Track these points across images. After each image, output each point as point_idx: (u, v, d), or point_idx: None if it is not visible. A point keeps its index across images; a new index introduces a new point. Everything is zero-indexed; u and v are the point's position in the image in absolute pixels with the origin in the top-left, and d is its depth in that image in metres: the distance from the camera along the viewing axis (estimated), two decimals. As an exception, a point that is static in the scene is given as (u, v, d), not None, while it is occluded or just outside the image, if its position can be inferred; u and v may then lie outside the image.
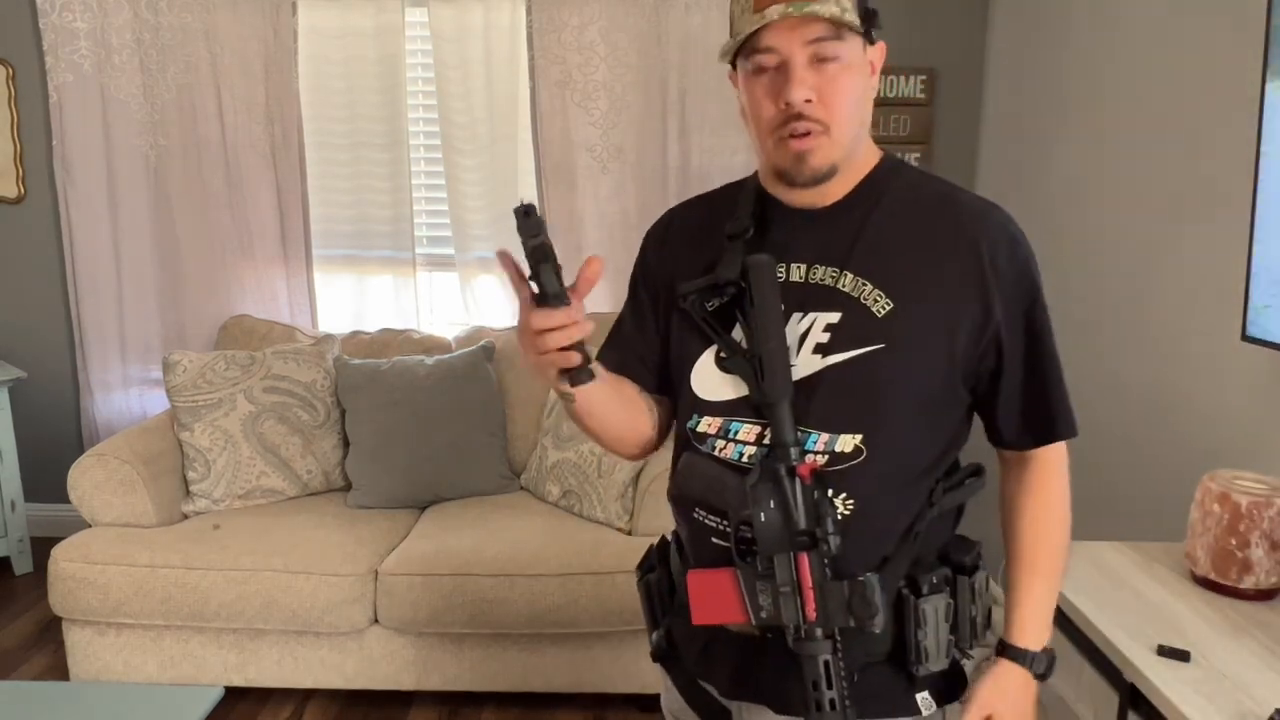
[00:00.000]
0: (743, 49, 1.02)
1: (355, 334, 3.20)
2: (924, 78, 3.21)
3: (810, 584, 1.00)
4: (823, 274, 1.07)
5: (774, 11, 0.98)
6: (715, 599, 1.04)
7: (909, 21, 3.17)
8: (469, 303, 3.39)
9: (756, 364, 1.05)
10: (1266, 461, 1.72)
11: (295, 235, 3.34)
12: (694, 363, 1.13)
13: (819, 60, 1.00)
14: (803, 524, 1.01)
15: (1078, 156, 2.54)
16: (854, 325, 1.05)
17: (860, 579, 0.99)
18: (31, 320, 3.46)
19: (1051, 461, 1.15)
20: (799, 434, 1.04)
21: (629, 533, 2.57)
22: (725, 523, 1.08)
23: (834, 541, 1.00)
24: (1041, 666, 1.12)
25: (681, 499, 1.16)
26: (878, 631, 1.00)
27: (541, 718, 2.52)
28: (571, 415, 1.15)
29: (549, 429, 2.84)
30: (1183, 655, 1.30)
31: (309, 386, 2.88)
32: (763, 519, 1.01)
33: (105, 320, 3.38)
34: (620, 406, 1.18)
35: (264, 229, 3.34)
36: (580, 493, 2.67)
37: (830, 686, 0.99)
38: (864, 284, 1.05)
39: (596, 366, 1.05)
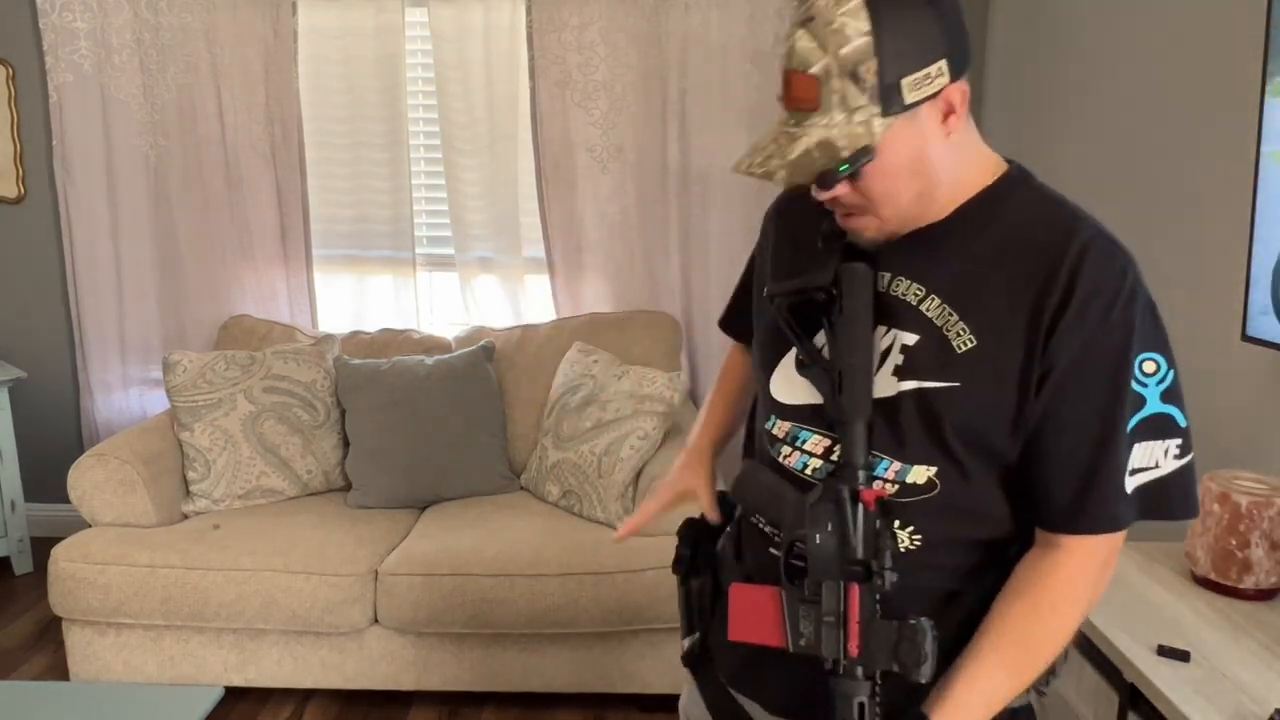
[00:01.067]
0: None
1: (355, 334, 3.20)
2: (924, 78, 3.20)
3: (857, 618, 0.92)
4: (905, 288, 0.98)
5: (757, 152, 0.92)
6: (755, 616, 0.99)
7: (909, 21, 3.17)
8: (469, 303, 3.39)
9: (836, 377, 0.98)
10: (1266, 461, 1.72)
11: (295, 235, 3.34)
12: (776, 365, 1.08)
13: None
14: (860, 553, 0.93)
15: (1077, 156, 2.54)
16: (932, 353, 0.96)
17: (912, 622, 0.90)
18: (31, 320, 3.46)
19: (1080, 553, 0.96)
20: (870, 458, 0.97)
21: (629, 533, 2.57)
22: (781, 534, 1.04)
23: (889, 577, 0.93)
24: None
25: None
26: (924, 681, 0.90)
27: (541, 718, 2.52)
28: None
29: (549, 429, 2.84)
30: (1183, 655, 1.30)
31: (309, 386, 2.88)
32: (818, 541, 0.95)
33: (105, 320, 3.38)
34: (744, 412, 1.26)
35: (264, 229, 3.34)
36: (580, 493, 2.67)
37: None
38: (950, 314, 0.96)
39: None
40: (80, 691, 2.15)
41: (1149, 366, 0.95)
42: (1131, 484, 0.94)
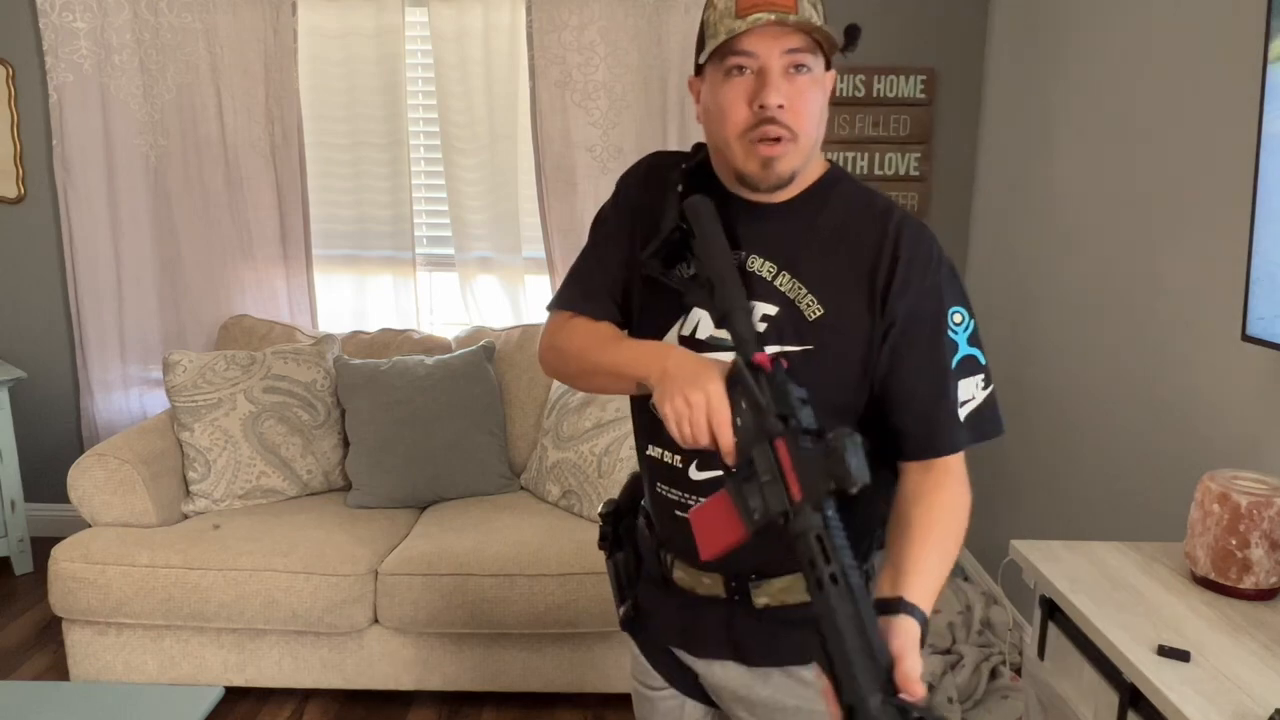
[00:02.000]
0: (719, 51, 1.06)
1: (355, 334, 3.20)
2: (924, 78, 3.21)
3: (790, 465, 0.96)
4: (760, 265, 1.13)
5: (759, 17, 1.02)
6: (716, 527, 1.03)
7: (909, 21, 3.17)
8: (469, 303, 3.39)
9: (707, 283, 1.09)
10: (1266, 461, 1.73)
11: (295, 235, 3.34)
12: (666, 333, 1.17)
13: (793, 70, 1.05)
14: (774, 411, 0.99)
15: (1077, 156, 2.54)
16: (788, 322, 1.10)
17: (829, 436, 0.94)
18: (31, 320, 3.46)
19: (947, 472, 1.12)
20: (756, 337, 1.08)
21: (629, 533, 2.57)
22: (688, 496, 1.16)
23: (805, 414, 0.99)
24: (926, 630, 1.06)
25: (649, 460, 1.23)
26: (862, 483, 0.93)
27: (541, 718, 2.52)
28: (628, 390, 1.17)
29: (549, 429, 2.84)
30: (1183, 655, 1.30)
31: (309, 386, 2.88)
32: (739, 423, 1.01)
33: (105, 320, 3.38)
34: None
35: (264, 229, 3.34)
36: (580, 493, 2.67)
37: (828, 561, 0.92)
38: (800, 287, 1.11)
39: None
40: (80, 691, 2.15)
41: (957, 318, 1.12)
42: (961, 413, 1.12)
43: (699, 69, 1.13)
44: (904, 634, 0.97)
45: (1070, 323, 2.55)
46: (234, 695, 2.54)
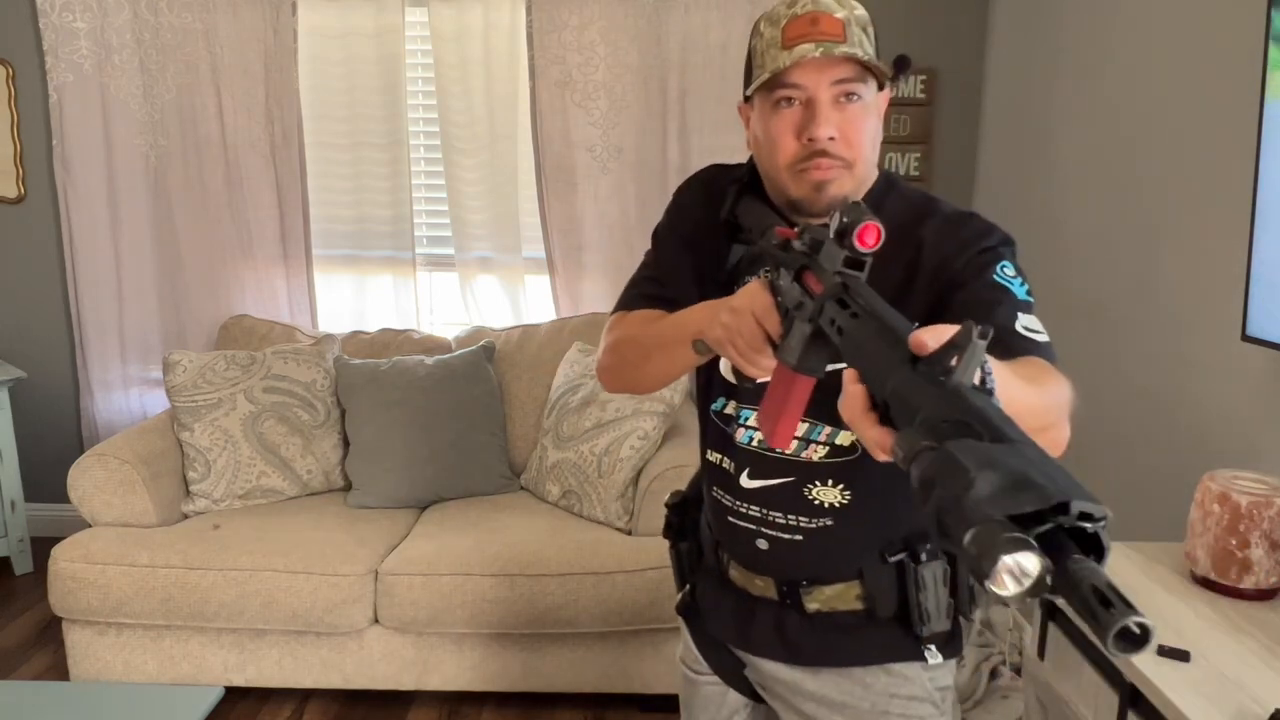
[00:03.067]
0: (766, 83, 1.04)
1: (355, 334, 3.20)
2: (924, 78, 3.21)
3: (813, 278, 0.91)
4: None
5: (804, 50, 1.00)
6: (774, 404, 0.99)
7: (909, 21, 3.17)
8: (469, 303, 3.39)
9: (757, 233, 1.09)
10: (1266, 461, 1.72)
11: (295, 235, 3.34)
12: None
13: (842, 99, 1.04)
14: (800, 262, 0.94)
15: (1077, 156, 2.54)
16: None
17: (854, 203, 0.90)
18: (31, 320, 3.46)
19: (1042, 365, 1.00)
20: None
21: (629, 533, 2.57)
22: (739, 504, 1.19)
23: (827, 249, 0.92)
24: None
25: (708, 464, 1.26)
26: (866, 251, 0.87)
27: (541, 718, 2.52)
28: (684, 362, 1.14)
29: (549, 429, 2.84)
30: (1183, 655, 1.30)
31: (309, 386, 2.88)
32: (781, 303, 0.95)
33: (105, 320, 3.38)
34: None
35: (264, 229, 3.34)
36: (580, 493, 2.67)
37: (845, 306, 0.84)
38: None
39: None
40: (80, 691, 2.15)
41: (1010, 271, 1.06)
42: (1029, 334, 1.01)
43: (747, 97, 1.12)
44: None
45: (1070, 323, 2.55)
46: (234, 695, 2.54)
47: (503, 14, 3.18)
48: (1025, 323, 1.02)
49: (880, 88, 1.08)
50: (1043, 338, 1.02)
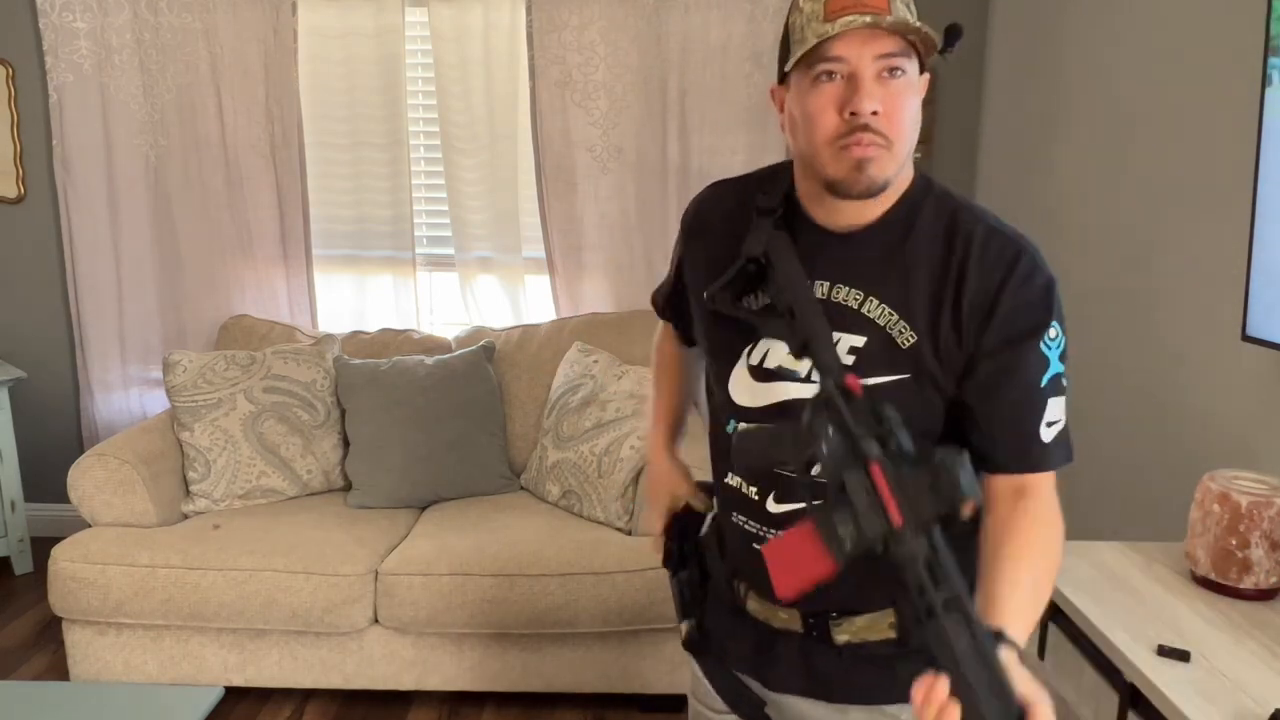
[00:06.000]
0: (806, 57, 0.99)
1: (355, 334, 3.20)
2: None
3: (888, 490, 0.90)
4: (846, 294, 1.07)
5: (850, 21, 0.96)
6: (796, 562, 0.96)
7: (909, 21, 3.17)
8: (469, 303, 3.39)
9: (788, 314, 1.04)
10: (1266, 461, 1.72)
11: (295, 235, 3.34)
12: (731, 370, 1.14)
13: (886, 74, 0.99)
14: (867, 434, 0.94)
15: (1078, 156, 2.54)
16: (882, 352, 1.05)
17: (936, 458, 0.89)
18: (31, 320, 3.46)
19: (1036, 491, 1.06)
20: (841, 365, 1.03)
21: (629, 533, 2.57)
22: (765, 529, 1.12)
23: (902, 436, 0.93)
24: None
25: (725, 488, 1.18)
26: (974, 502, 0.88)
27: (541, 718, 2.52)
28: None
29: (549, 429, 2.84)
30: (1183, 655, 1.30)
31: (309, 386, 2.88)
32: (825, 449, 0.95)
33: (105, 320, 3.38)
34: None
35: (264, 229, 3.34)
36: (580, 493, 2.67)
37: (939, 585, 0.85)
38: (891, 314, 1.05)
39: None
40: (80, 691, 2.15)
41: (1052, 333, 1.06)
42: (1049, 435, 1.06)
43: (783, 77, 1.06)
44: (1022, 674, 0.87)
45: (1070, 323, 2.55)
46: (234, 695, 2.54)
47: (503, 14, 3.18)
48: (1050, 417, 1.05)
49: (922, 70, 1.04)
50: (1058, 430, 1.06)
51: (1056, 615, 1.61)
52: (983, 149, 3.25)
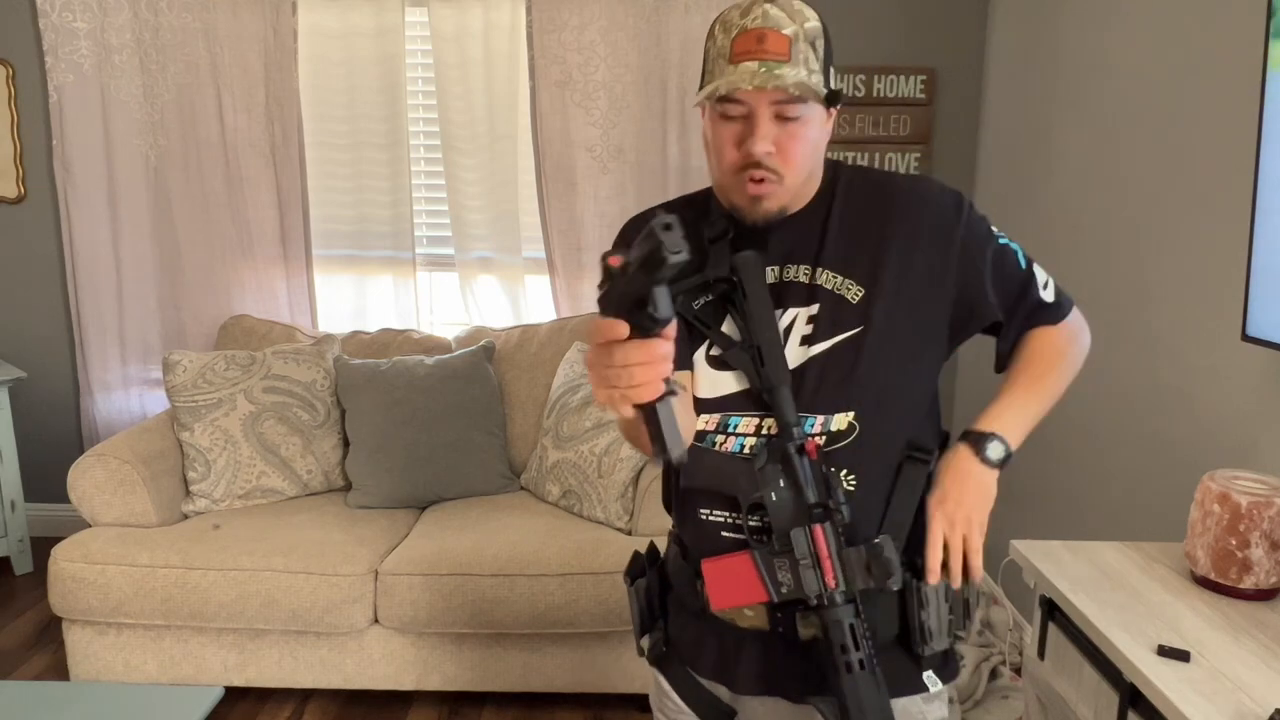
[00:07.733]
0: (710, 94, 1.09)
1: (355, 334, 3.20)
2: (924, 78, 3.21)
3: (828, 553, 1.07)
4: (795, 272, 1.16)
5: (745, 76, 1.04)
6: (733, 583, 1.10)
7: (909, 21, 3.17)
8: (469, 303, 3.39)
9: (755, 353, 1.12)
10: (1266, 461, 1.73)
11: (295, 235, 3.35)
12: (689, 364, 1.17)
13: (782, 117, 1.08)
14: (814, 498, 1.08)
15: (1077, 156, 2.54)
16: (833, 314, 1.14)
17: (875, 541, 1.07)
18: (31, 320, 3.46)
19: (1058, 328, 1.24)
20: (798, 417, 1.12)
21: (629, 533, 2.57)
22: (735, 516, 1.15)
23: (846, 511, 1.08)
24: (996, 453, 1.15)
25: (687, 495, 1.20)
26: (896, 589, 1.08)
27: (541, 718, 2.52)
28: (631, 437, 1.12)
29: (549, 429, 2.84)
30: (1183, 655, 1.30)
31: (309, 386, 2.88)
32: (774, 499, 1.09)
33: (105, 320, 3.38)
34: (687, 410, 1.15)
35: (264, 229, 3.34)
36: (580, 493, 2.67)
37: (858, 648, 1.05)
38: (836, 277, 1.15)
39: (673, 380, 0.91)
40: (80, 691, 2.15)
41: (994, 228, 1.21)
42: (1049, 295, 1.23)
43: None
44: (943, 460, 1.14)
45: (1070, 323, 2.55)
46: (234, 695, 2.54)
47: (503, 14, 3.18)
48: (1041, 281, 1.22)
49: (831, 104, 1.12)
50: (1052, 287, 1.23)
51: (1056, 615, 1.61)
52: (982, 150, 3.25)
